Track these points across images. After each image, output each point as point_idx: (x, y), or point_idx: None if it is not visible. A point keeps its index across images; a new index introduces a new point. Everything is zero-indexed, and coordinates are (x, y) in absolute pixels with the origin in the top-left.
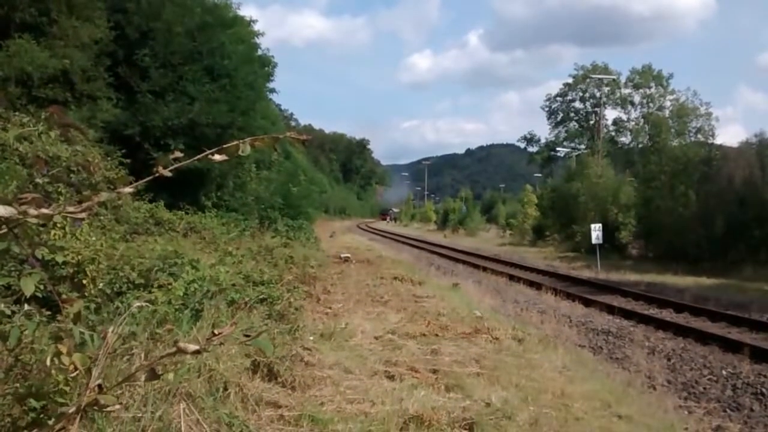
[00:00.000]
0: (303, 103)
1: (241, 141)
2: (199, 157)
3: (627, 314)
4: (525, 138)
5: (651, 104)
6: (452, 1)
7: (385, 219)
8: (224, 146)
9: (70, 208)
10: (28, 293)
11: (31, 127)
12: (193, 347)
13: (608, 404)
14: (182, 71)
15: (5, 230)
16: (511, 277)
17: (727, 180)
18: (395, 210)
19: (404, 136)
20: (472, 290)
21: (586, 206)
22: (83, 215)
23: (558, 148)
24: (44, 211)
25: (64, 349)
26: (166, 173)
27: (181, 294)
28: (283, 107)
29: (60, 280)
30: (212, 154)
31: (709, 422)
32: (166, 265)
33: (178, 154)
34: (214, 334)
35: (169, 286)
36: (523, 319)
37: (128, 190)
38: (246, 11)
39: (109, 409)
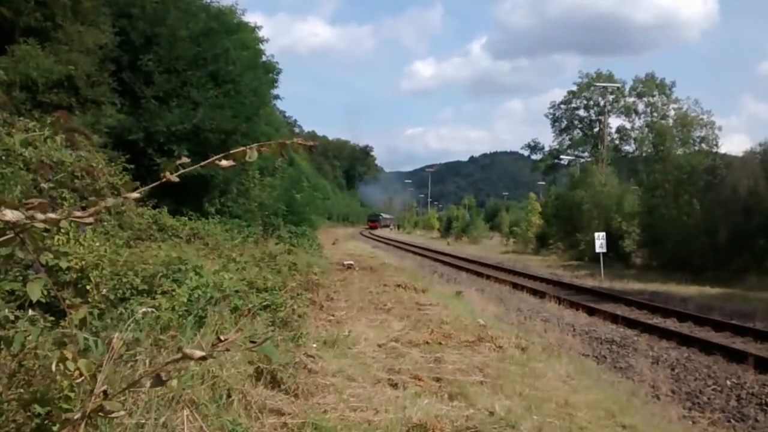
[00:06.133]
0: (307, 110)
1: (248, 147)
2: (206, 162)
3: (631, 323)
4: (529, 146)
5: (655, 113)
6: (455, 11)
7: (375, 227)
8: (231, 152)
9: (78, 214)
10: (34, 299)
11: (36, 132)
12: (199, 353)
13: (612, 414)
14: (186, 77)
15: (11, 235)
16: (515, 286)
17: (731, 189)
18: (386, 215)
19: (408, 143)
20: (476, 298)
21: (590, 214)
22: (90, 220)
23: (562, 156)
24: (52, 216)
25: (69, 355)
26: (174, 179)
27: (185, 300)
28: (287, 114)
29: (63, 286)
30: (219, 159)
31: None
32: (169, 272)
33: (185, 159)
34: (220, 340)
35: (173, 293)
36: (526, 328)
37: (135, 195)
38: (252, 18)
39: (114, 415)
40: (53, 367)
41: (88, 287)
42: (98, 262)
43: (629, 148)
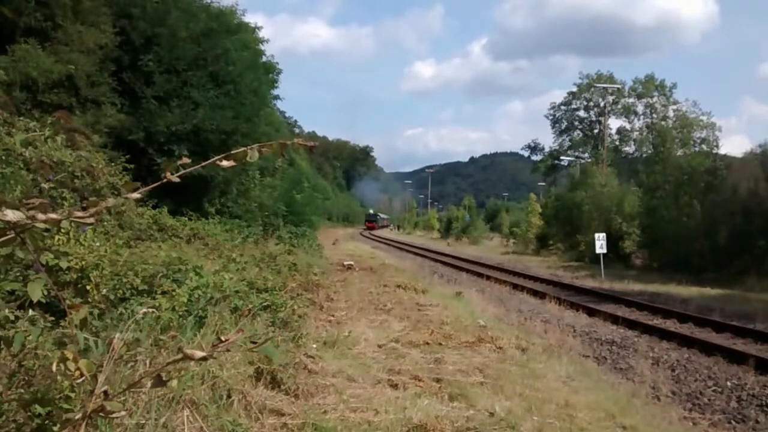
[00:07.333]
0: (307, 110)
1: (249, 147)
2: (207, 162)
3: (631, 324)
4: (529, 146)
5: (654, 114)
6: (456, 12)
7: (373, 227)
8: (232, 152)
9: (78, 214)
10: (35, 299)
11: (36, 132)
12: (199, 354)
13: (612, 415)
14: (187, 77)
15: (12, 235)
16: (515, 286)
17: (731, 190)
18: (383, 216)
19: (408, 143)
20: (476, 299)
21: (590, 215)
22: (91, 220)
23: (562, 157)
24: (52, 216)
25: (70, 355)
26: (175, 179)
27: (185, 300)
28: (287, 114)
29: (63, 286)
30: (219, 160)
31: None
32: (169, 272)
33: (185, 160)
34: (220, 341)
35: (173, 293)
36: (526, 329)
37: (136, 195)
38: (252, 18)
39: (114, 415)
40: (53, 367)
41: (88, 287)
42: (98, 262)
43: (629, 149)
